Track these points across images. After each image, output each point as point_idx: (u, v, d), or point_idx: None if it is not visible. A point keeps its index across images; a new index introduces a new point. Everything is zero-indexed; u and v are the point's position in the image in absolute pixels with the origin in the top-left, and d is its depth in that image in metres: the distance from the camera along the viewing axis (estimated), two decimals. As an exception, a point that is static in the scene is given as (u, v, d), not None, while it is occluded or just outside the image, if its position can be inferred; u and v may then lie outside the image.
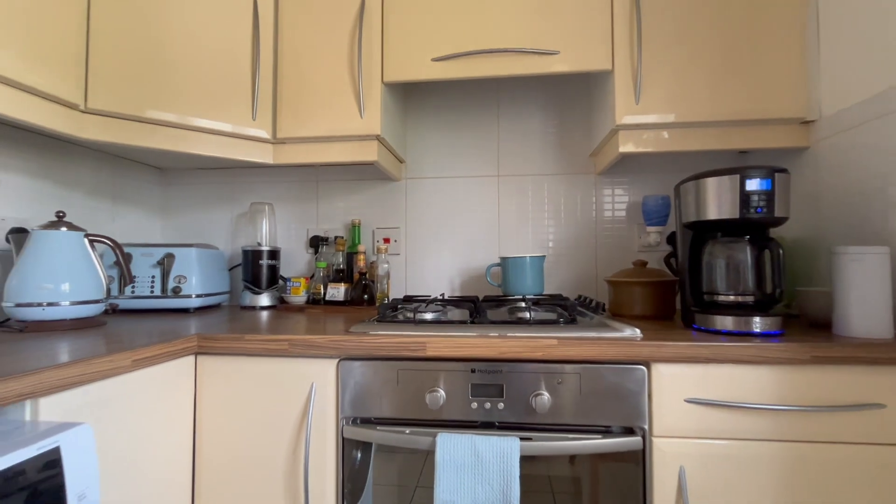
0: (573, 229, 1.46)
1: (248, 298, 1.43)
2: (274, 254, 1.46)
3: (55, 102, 0.97)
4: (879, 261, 0.83)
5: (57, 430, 0.58)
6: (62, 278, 0.99)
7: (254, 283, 1.43)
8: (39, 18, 0.91)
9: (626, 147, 1.16)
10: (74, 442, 0.58)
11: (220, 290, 1.43)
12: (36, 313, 0.96)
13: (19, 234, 1.03)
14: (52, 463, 0.55)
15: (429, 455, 0.88)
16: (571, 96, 1.47)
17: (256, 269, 1.43)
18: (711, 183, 0.90)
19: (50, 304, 0.98)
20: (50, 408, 0.64)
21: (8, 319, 1.07)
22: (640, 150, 1.15)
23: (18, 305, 0.96)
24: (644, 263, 1.19)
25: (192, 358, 0.93)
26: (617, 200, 1.45)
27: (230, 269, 1.55)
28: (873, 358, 0.78)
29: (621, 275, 1.17)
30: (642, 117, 1.13)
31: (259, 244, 1.46)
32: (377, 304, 1.39)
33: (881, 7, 0.91)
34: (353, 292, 1.39)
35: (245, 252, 1.44)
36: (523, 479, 0.84)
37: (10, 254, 1.10)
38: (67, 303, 0.99)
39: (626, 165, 1.42)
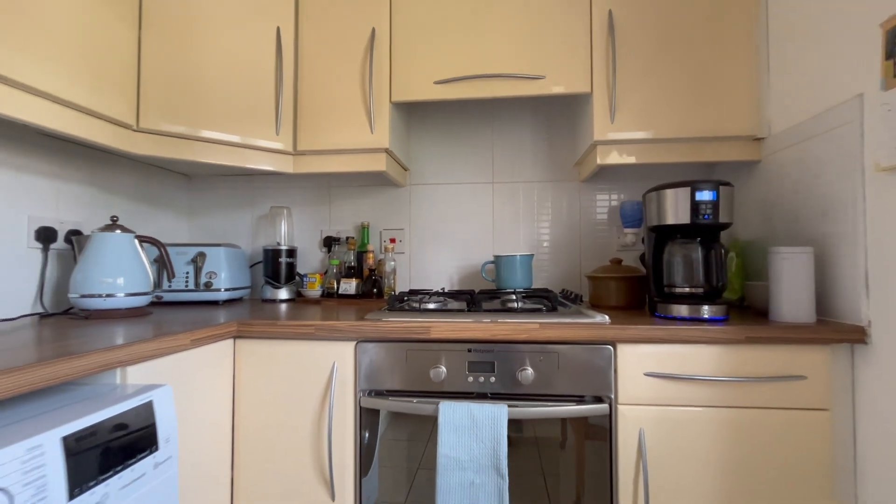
0: (559, 230, 1.64)
1: (269, 292, 1.59)
2: (291, 252, 1.63)
3: (114, 123, 1.13)
4: (805, 259, 1.00)
5: (148, 389, 0.75)
6: (118, 273, 1.16)
7: (274, 279, 1.59)
8: (102, 54, 1.08)
9: (604, 159, 1.33)
10: (161, 398, 0.75)
11: (244, 284, 1.60)
12: (98, 303, 1.13)
13: (79, 236, 1.19)
14: (147, 413, 0.72)
15: (429, 442, 1.05)
16: (557, 113, 1.65)
17: (276, 266, 1.60)
18: (669, 194, 1.07)
19: (108, 296, 1.14)
20: (135, 374, 0.81)
21: (70, 308, 1.24)
22: (616, 162, 1.33)
23: (83, 296, 1.13)
24: (619, 261, 1.37)
25: (231, 341, 1.10)
26: (598, 205, 1.62)
27: (251, 266, 1.71)
28: (797, 338, 0.95)
29: (599, 271, 1.35)
30: (617, 134, 1.30)
31: (278, 244, 1.63)
32: (385, 297, 1.56)
33: (818, 42, 1.08)
34: (364, 287, 1.56)
35: (266, 251, 1.61)
36: (514, 440, 1.01)
37: (67, 252, 1.27)
38: (122, 294, 1.16)
39: (606, 174, 1.59)
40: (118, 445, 0.66)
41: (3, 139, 1.11)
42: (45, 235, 1.21)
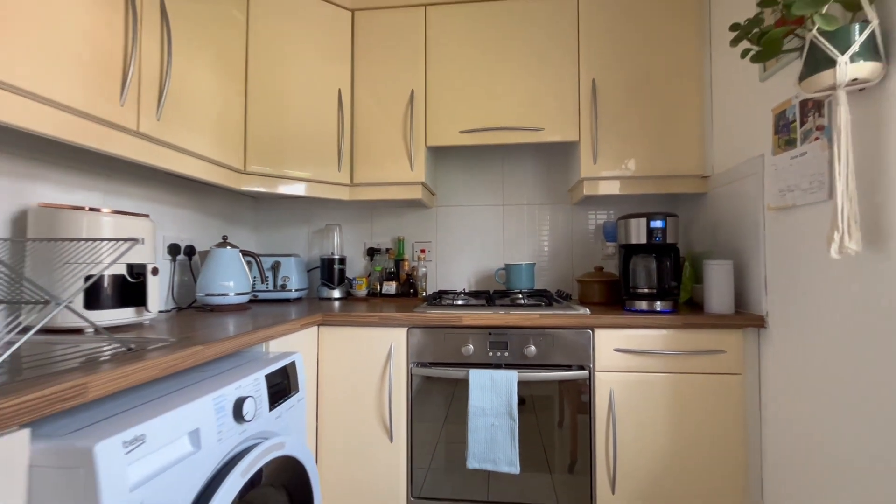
0: (555, 243, 2.05)
1: (325, 292, 2.01)
2: (342, 260, 2.04)
3: (231, 169, 1.55)
4: (727, 268, 1.42)
5: (289, 355, 1.17)
6: (230, 278, 1.58)
7: (329, 281, 2.01)
8: (228, 121, 1.50)
9: (589, 191, 1.74)
10: (297, 361, 1.17)
11: (306, 286, 2.01)
12: (218, 300, 1.55)
13: (202, 250, 1.62)
14: (293, 368, 1.14)
15: (453, 398, 1.46)
16: (553, 153, 2.07)
17: (331, 271, 2.02)
18: (633, 222, 1.49)
19: (223, 294, 1.57)
20: (273, 346, 1.23)
21: (193, 302, 1.66)
22: (598, 192, 1.74)
23: (207, 295, 1.55)
24: (601, 269, 1.79)
25: (316, 328, 1.52)
26: (586, 224, 2.04)
27: (308, 271, 2.13)
28: (720, 324, 1.37)
29: (586, 276, 1.77)
30: (599, 172, 1.72)
31: (332, 254, 2.05)
32: (419, 296, 1.98)
33: (740, 112, 1.50)
34: (402, 288, 1.98)
35: (322, 259, 2.02)
36: (520, 397, 1.43)
37: (183, 261, 1.69)
38: (233, 294, 1.58)
39: (592, 200, 2.00)
40: (282, 387, 1.08)
41: (152, 182, 1.53)
42: (173, 249, 1.63)
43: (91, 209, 1.11)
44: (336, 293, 2.01)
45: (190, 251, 1.70)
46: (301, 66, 1.73)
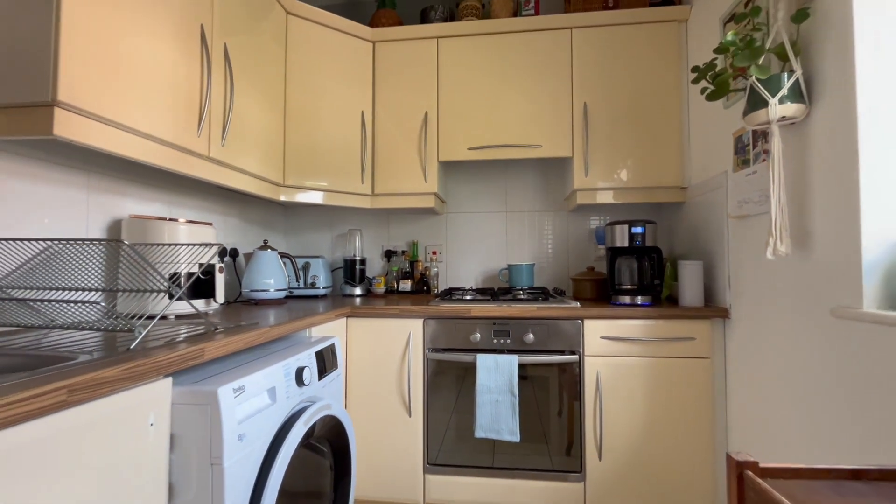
0: (553, 246, 2.30)
1: (348, 289, 2.27)
2: (363, 261, 2.30)
3: (272, 183, 1.81)
4: (698, 267, 1.66)
5: (329, 339, 1.42)
6: (271, 276, 1.84)
7: (351, 280, 2.27)
8: (272, 142, 1.76)
9: (581, 200, 1.99)
10: (336, 343, 1.43)
11: (331, 284, 2.27)
12: (260, 295, 1.81)
13: (246, 253, 1.88)
14: (332, 349, 1.39)
15: (465, 381, 1.71)
16: (551, 166, 2.31)
17: (353, 270, 2.27)
18: (618, 228, 1.74)
19: (265, 290, 1.83)
20: (315, 332, 1.48)
21: (238, 297, 1.93)
22: (590, 202, 1.98)
23: (252, 290, 1.81)
24: (593, 269, 2.03)
25: (345, 319, 1.77)
26: (580, 228, 2.28)
27: (333, 271, 2.39)
28: (691, 315, 1.61)
29: (579, 275, 2.01)
30: (590, 184, 1.96)
31: (354, 255, 2.30)
32: (431, 293, 2.23)
33: (709, 134, 1.73)
34: (416, 285, 2.23)
35: (345, 260, 2.28)
36: (520, 377, 1.67)
37: (230, 263, 1.95)
38: (273, 290, 1.84)
39: (585, 208, 2.24)
40: (326, 363, 1.33)
41: (205, 194, 1.80)
42: (221, 252, 1.89)
43: (170, 219, 1.37)
44: (358, 290, 2.26)
45: (234, 253, 1.96)
46: (329, 92, 1.99)
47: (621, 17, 1.95)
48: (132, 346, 0.85)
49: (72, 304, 0.95)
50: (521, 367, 1.69)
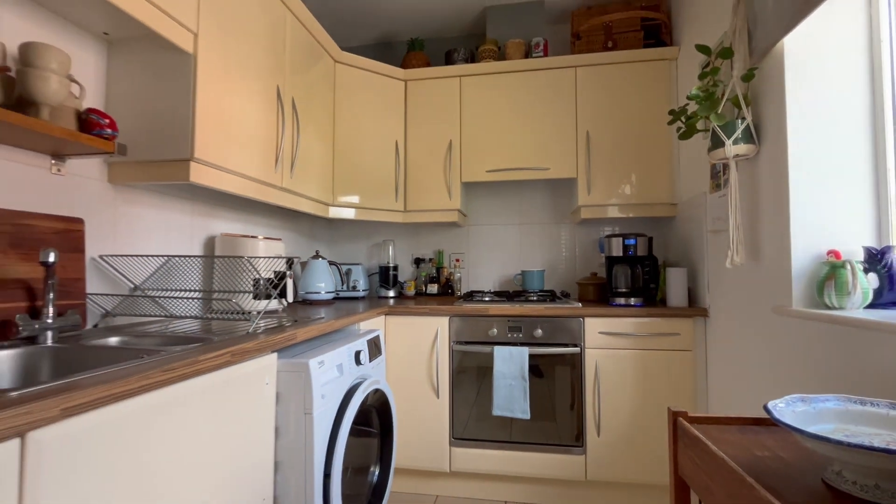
0: (562, 254, 2.61)
1: (382, 292, 2.63)
2: (396, 267, 2.66)
3: (324, 203, 2.19)
4: (682, 273, 1.95)
5: (374, 331, 1.78)
6: (321, 281, 2.21)
7: (385, 283, 2.62)
8: (325, 169, 2.14)
9: (585, 215, 2.30)
10: (380, 335, 1.78)
11: (367, 287, 2.64)
12: (314, 297, 2.19)
13: (299, 262, 2.26)
14: (377, 339, 1.75)
15: (484, 368, 2.03)
16: (559, 186, 2.63)
17: (387, 275, 2.63)
18: (614, 240, 2.04)
19: (315, 293, 2.20)
20: (363, 325, 1.84)
21: (295, 298, 2.31)
22: (593, 216, 2.29)
23: (307, 293, 2.18)
24: (595, 274, 2.34)
25: (384, 316, 2.13)
26: (586, 239, 2.59)
27: (369, 276, 2.76)
28: (677, 314, 1.90)
29: (583, 280, 2.32)
30: (592, 201, 2.27)
31: (388, 262, 2.66)
32: (455, 295, 2.57)
33: (694, 160, 2.02)
34: (442, 288, 2.58)
35: (380, 266, 2.64)
36: (535, 365, 1.99)
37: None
38: (324, 292, 2.21)
39: (589, 221, 2.54)
40: (373, 349, 1.68)
41: (271, 214, 2.19)
42: (289, 261, 2.27)
43: (251, 236, 1.75)
44: (391, 293, 2.62)
45: (290, 262, 2.34)
46: (369, 125, 2.36)
47: (619, 57, 2.26)
48: (250, 331, 1.22)
49: (185, 300, 1.34)
50: (531, 357, 2.01)
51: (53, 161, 1.21)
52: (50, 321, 1.07)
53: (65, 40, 1.24)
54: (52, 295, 1.07)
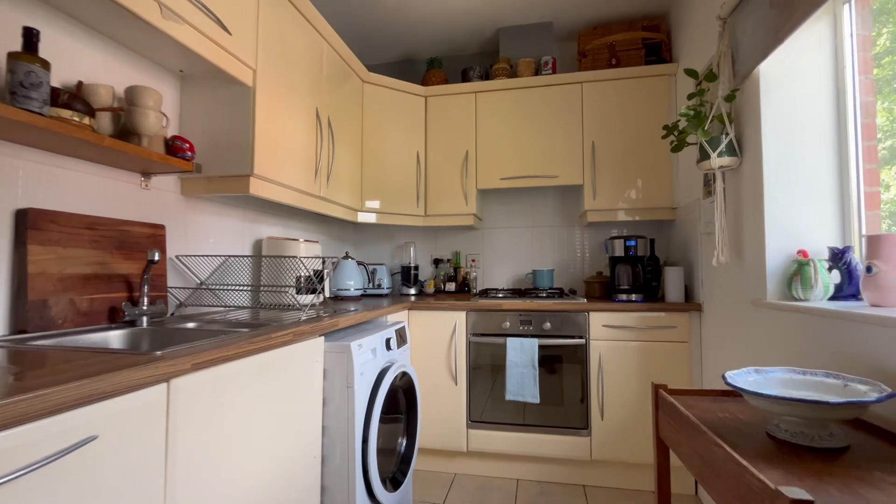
0: (570, 254, 2.81)
1: (404, 290, 2.86)
2: (416, 268, 2.89)
3: (353, 209, 2.44)
4: (679, 272, 2.14)
5: (400, 323, 2.01)
6: (351, 279, 2.46)
7: (407, 282, 2.86)
8: (355, 179, 2.39)
9: (591, 219, 2.50)
10: (404, 325, 2.02)
11: (391, 285, 2.87)
12: (345, 293, 2.43)
13: (331, 262, 2.51)
14: (403, 331, 1.98)
15: (498, 357, 2.25)
16: (567, 191, 2.83)
17: (408, 275, 2.86)
18: (616, 241, 2.24)
19: (346, 290, 2.44)
20: (390, 318, 2.07)
21: (331, 295, 2.56)
22: (598, 220, 2.49)
23: (339, 290, 2.43)
24: (601, 273, 2.54)
25: (407, 311, 2.36)
26: (593, 240, 2.79)
27: (392, 275, 3.00)
28: (674, 309, 2.09)
29: (590, 278, 2.52)
30: (597, 206, 2.47)
31: (409, 263, 2.90)
32: (471, 292, 2.79)
33: (688, 169, 2.21)
34: (459, 287, 2.80)
35: (402, 266, 2.88)
36: (540, 355, 2.20)
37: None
38: (353, 289, 2.46)
39: (595, 224, 2.74)
40: (400, 338, 1.91)
41: (306, 218, 2.44)
42: (332, 261, 2.53)
43: (293, 239, 2.01)
44: (412, 291, 2.85)
45: (332, 261, 2.59)
46: (393, 137, 2.61)
47: (622, 73, 2.46)
48: (302, 318, 1.47)
49: (237, 293, 1.58)
50: (541, 347, 2.22)
51: (142, 178, 1.48)
52: (145, 308, 1.32)
53: (150, 77, 1.50)
54: (146, 287, 1.33)
